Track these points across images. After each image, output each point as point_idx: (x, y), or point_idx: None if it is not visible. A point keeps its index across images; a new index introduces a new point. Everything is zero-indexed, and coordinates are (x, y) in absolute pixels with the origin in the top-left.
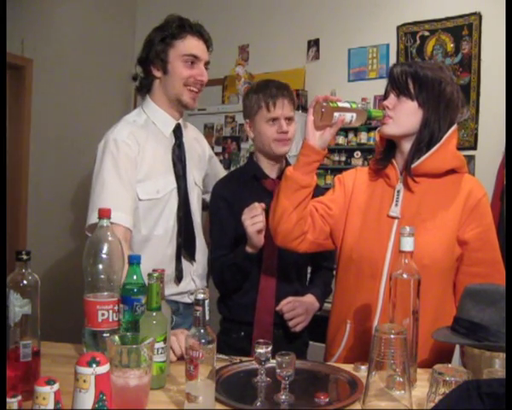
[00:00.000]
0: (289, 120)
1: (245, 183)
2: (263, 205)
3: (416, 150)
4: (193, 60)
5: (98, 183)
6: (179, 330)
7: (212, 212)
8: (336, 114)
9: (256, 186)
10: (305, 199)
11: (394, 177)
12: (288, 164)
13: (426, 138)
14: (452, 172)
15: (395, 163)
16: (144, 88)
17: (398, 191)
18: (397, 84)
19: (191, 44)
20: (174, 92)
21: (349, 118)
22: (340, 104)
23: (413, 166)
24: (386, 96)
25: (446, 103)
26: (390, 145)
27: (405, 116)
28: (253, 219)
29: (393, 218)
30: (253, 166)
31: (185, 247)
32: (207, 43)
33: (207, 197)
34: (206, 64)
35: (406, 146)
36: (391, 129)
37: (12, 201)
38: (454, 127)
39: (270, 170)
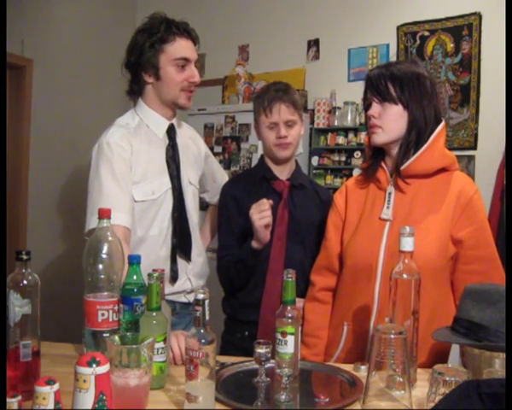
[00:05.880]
0: (290, 123)
1: (255, 183)
2: (271, 202)
3: (405, 152)
4: (184, 62)
5: (95, 187)
6: (179, 333)
7: (220, 211)
8: None
9: (265, 187)
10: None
11: (385, 180)
12: (298, 167)
13: (414, 139)
14: (442, 170)
15: (385, 166)
16: (135, 92)
17: (390, 194)
18: (378, 91)
19: (181, 47)
20: (169, 97)
21: None
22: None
23: (402, 167)
24: (366, 104)
25: (429, 98)
26: (378, 149)
27: (393, 122)
28: (261, 213)
29: (385, 220)
30: (263, 167)
31: (181, 247)
32: (195, 40)
33: (206, 197)
34: (196, 62)
35: (395, 149)
36: (381, 137)
37: (12, 201)
38: (441, 125)
39: (280, 171)
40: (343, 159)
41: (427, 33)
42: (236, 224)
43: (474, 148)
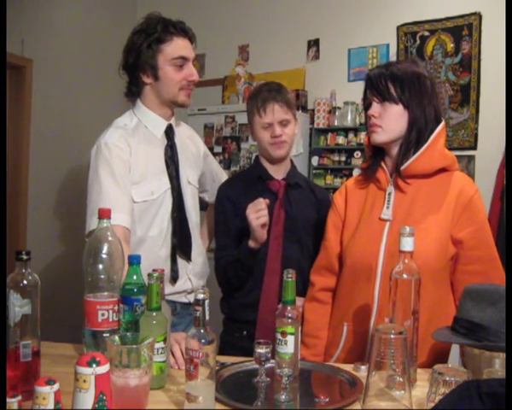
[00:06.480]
0: (284, 123)
1: (250, 184)
2: (267, 201)
3: (405, 152)
4: (182, 62)
5: (94, 188)
6: (180, 337)
7: (217, 212)
8: None
9: (261, 187)
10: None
11: (385, 180)
12: (293, 166)
13: (414, 138)
14: (442, 170)
15: (385, 166)
16: (134, 94)
17: (389, 194)
18: (378, 91)
19: (178, 46)
20: (168, 97)
21: None
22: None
23: (402, 167)
24: (366, 104)
25: (429, 98)
26: (378, 149)
27: (393, 122)
28: (258, 213)
29: (385, 220)
30: (259, 168)
31: (181, 247)
32: (191, 39)
33: (206, 196)
34: (194, 61)
35: (395, 149)
36: (380, 137)
37: (12, 201)
38: (441, 125)
39: (276, 171)
40: (343, 159)
41: (427, 33)
42: (233, 224)
43: (474, 148)
